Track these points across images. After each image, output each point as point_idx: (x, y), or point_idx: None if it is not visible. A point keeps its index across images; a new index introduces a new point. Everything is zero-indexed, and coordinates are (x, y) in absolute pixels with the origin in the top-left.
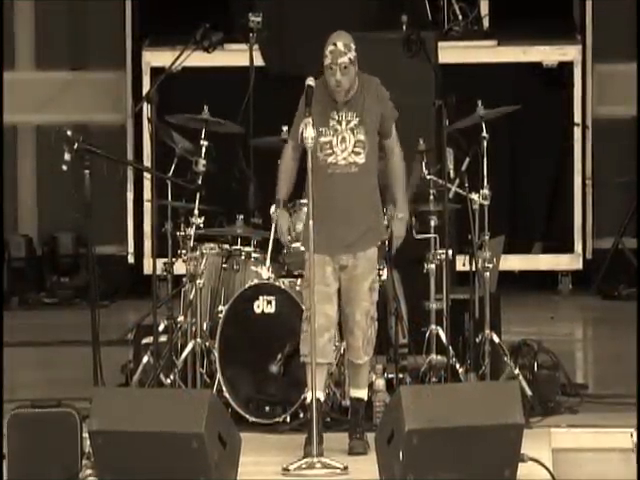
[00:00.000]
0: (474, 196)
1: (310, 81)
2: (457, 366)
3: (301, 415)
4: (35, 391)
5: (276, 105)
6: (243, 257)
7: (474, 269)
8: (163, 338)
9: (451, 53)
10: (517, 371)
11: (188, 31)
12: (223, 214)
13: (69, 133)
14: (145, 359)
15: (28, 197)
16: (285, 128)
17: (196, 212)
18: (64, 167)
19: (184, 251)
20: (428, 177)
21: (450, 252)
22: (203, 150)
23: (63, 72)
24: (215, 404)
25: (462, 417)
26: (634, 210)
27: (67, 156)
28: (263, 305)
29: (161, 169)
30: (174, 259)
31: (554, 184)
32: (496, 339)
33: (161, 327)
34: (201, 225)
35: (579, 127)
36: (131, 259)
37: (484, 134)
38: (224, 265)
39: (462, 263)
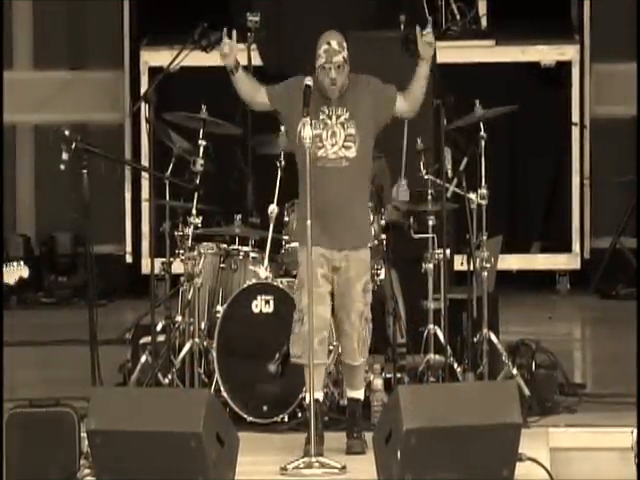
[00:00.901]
0: (472, 196)
1: (309, 81)
2: (455, 366)
3: (299, 415)
4: (33, 390)
5: None
6: (241, 257)
7: (472, 269)
8: (161, 338)
9: (449, 53)
10: (515, 371)
11: (186, 31)
12: (221, 214)
13: (67, 133)
14: (143, 359)
15: (26, 197)
16: (283, 128)
17: (194, 212)
18: (62, 167)
19: (182, 251)
20: (426, 177)
21: (448, 252)
22: (201, 150)
23: (61, 72)
24: (213, 404)
25: (460, 417)
26: (632, 209)
27: (65, 156)
28: (261, 305)
29: (159, 169)
30: (172, 259)
31: (552, 184)
32: (494, 339)
33: (159, 327)
34: (199, 225)
35: (577, 127)
36: (129, 259)
37: (482, 134)
38: (222, 265)
39: (460, 263)
